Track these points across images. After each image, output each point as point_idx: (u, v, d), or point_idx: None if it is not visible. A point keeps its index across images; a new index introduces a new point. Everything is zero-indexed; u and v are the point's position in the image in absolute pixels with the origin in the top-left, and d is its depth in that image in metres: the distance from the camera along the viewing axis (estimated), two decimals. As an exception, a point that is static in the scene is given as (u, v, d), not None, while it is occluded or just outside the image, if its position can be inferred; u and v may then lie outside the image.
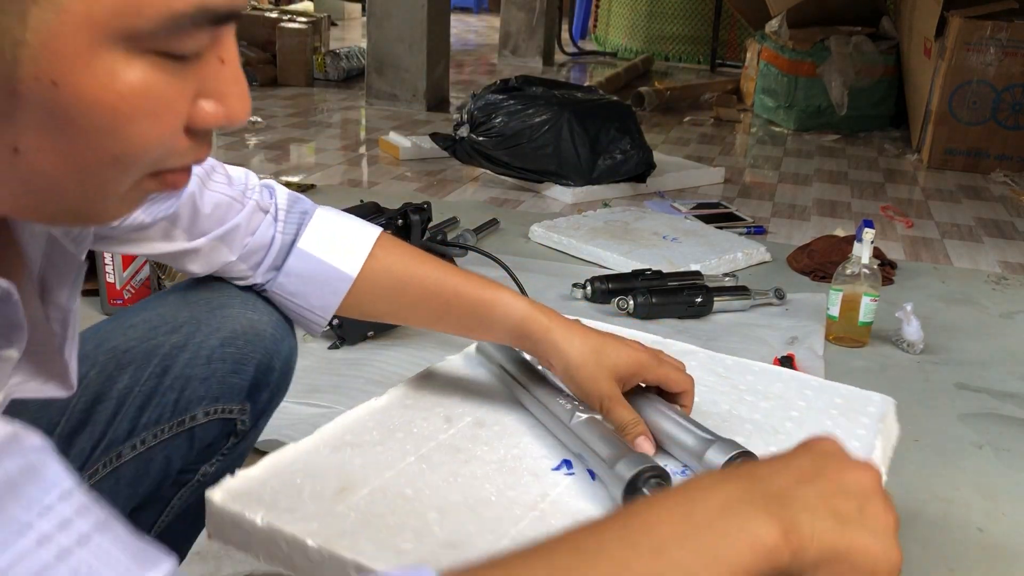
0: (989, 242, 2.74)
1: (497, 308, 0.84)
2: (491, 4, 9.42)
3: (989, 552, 1.24)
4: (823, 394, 1.01)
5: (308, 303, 0.84)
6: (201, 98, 0.46)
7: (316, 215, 0.86)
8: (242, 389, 0.83)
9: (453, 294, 0.85)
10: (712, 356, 1.10)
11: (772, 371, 1.06)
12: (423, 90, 4.37)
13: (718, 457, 0.78)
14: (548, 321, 0.84)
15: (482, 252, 1.82)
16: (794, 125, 4.29)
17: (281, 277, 0.83)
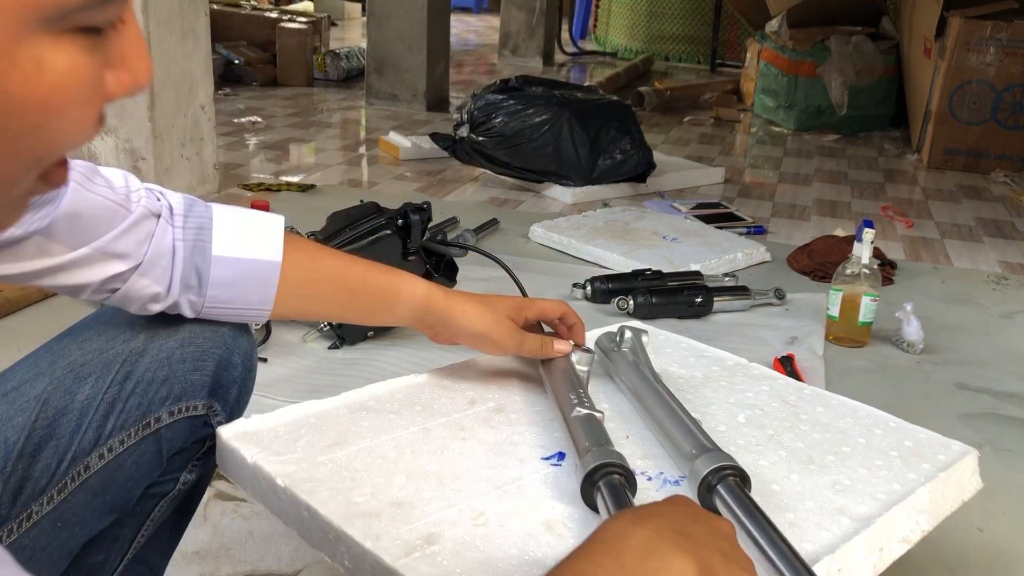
0: (989, 242, 2.74)
1: (402, 290, 0.88)
2: (491, 4, 9.42)
3: (989, 552, 1.24)
4: (893, 434, 0.92)
5: (247, 303, 0.81)
6: (106, 68, 0.41)
7: (216, 217, 0.81)
8: (204, 385, 0.82)
9: (360, 282, 0.87)
10: (790, 384, 1.03)
11: (850, 406, 0.98)
12: (423, 90, 4.37)
13: (703, 466, 0.75)
14: (446, 296, 0.90)
15: (482, 252, 1.82)
16: (794, 125, 4.29)
17: (211, 291, 0.79)
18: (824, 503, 0.79)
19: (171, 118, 2.62)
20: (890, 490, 0.81)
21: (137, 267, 0.77)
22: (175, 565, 1.12)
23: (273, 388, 1.57)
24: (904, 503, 0.79)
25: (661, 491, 0.79)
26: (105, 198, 0.75)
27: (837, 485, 0.82)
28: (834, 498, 0.80)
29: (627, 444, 0.87)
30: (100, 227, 0.74)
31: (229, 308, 0.81)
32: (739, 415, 0.94)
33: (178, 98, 2.63)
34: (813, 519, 0.76)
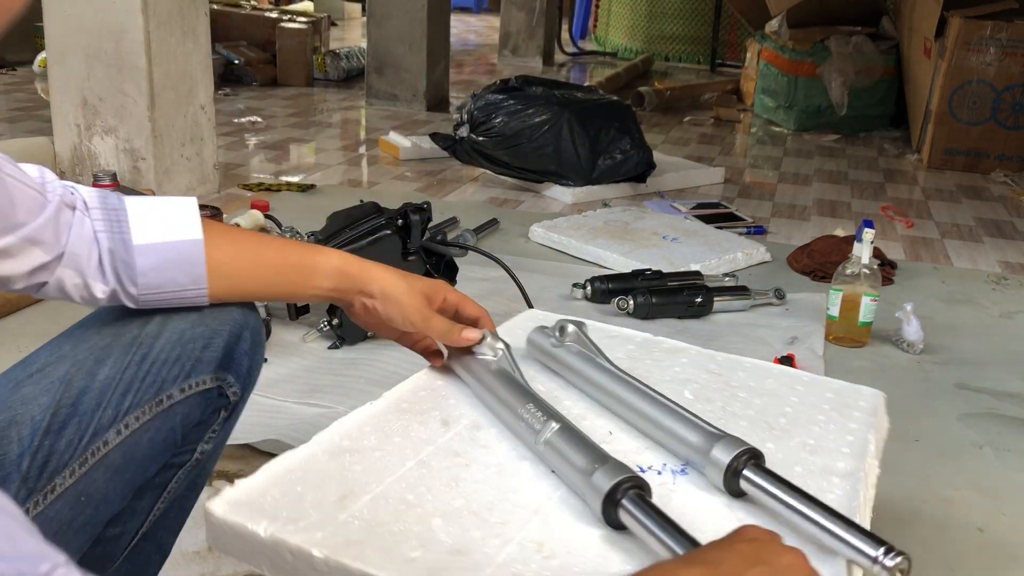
0: (989, 242, 2.74)
1: (319, 260, 0.89)
2: (491, 4, 9.42)
3: (989, 552, 1.24)
4: (814, 389, 1.02)
5: (179, 284, 0.82)
6: None
7: (130, 207, 0.82)
8: (212, 361, 0.84)
9: (278, 258, 0.88)
10: (703, 352, 1.10)
11: (763, 367, 1.07)
12: (423, 90, 4.37)
13: (724, 454, 0.77)
14: (361, 263, 0.91)
15: (482, 252, 1.82)
16: (794, 125, 4.29)
17: (141, 279, 0.80)
18: (808, 466, 0.85)
19: (171, 118, 2.62)
20: (848, 442, 0.90)
21: (60, 257, 0.78)
22: (175, 565, 1.12)
23: (273, 388, 1.57)
24: (868, 453, 0.88)
25: (676, 484, 0.81)
26: (25, 185, 0.75)
27: (807, 446, 0.89)
28: (812, 459, 0.87)
29: (615, 441, 0.87)
30: (20, 214, 0.75)
31: (164, 292, 0.82)
32: (683, 391, 0.99)
33: (178, 98, 2.63)
34: (810, 482, 0.80)
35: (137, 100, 2.53)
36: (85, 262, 0.79)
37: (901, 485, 1.38)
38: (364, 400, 0.92)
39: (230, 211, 2.44)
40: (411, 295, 0.91)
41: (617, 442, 0.87)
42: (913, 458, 1.47)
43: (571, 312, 1.97)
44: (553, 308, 1.96)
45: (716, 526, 0.74)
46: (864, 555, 0.68)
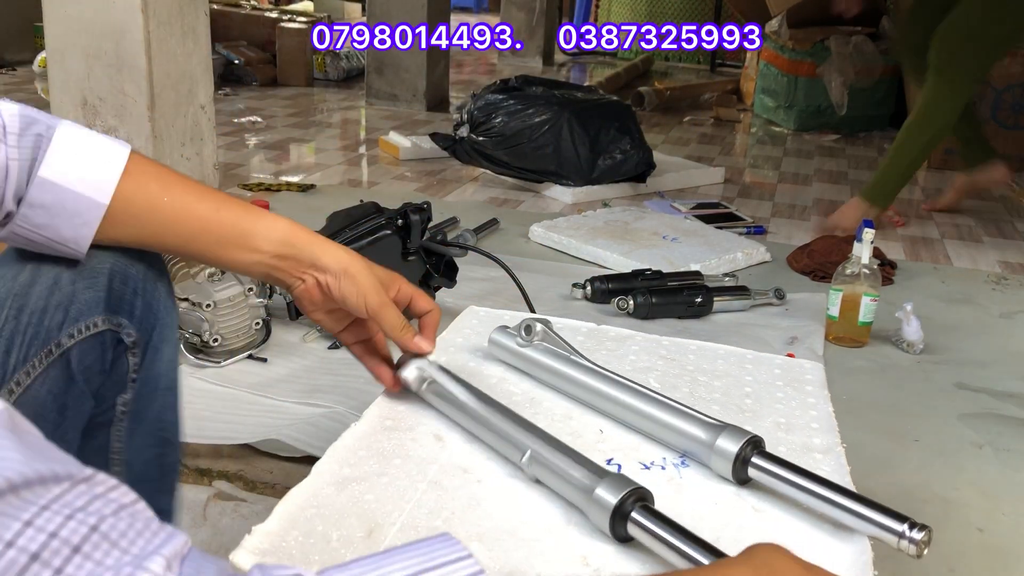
0: (989, 242, 2.74)
1: (260, 223, 0.82)
2: (491, 4, 9.42)
3: (989, 552, 1.24)
4: (761, 366, 1.06)
5: (60, 235, 0.76)
6: None
7: (57, 136, 0.76)
8: (99, 301, 0.79)
9: (211, 213, 0.80)
10: (648, 338, 1.12)
11: (709, 348, 1.10)
12: (423, 90, 4.37)
13: (731, 444, 0.79)
14: (311, 234, 0.84)
15: (482, 252, 1.82)
16: (794, 125, 4.29)
17: (24, 209, 0.75)
18: (789, 445, 0.87)
19: (171, 118, 2.61)
20: (813, 417, 0.94)
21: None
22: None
23: (273, 388, 1.57)
24: (832, 423, 0.93)
25: (682, 477, 0.81)
26: None
27: (780, 425, 0.92)
28: (790, 438, 0.89)
29: (608, 439, 0.88)
30: None
31: (41, 234, 0.76)
32: (648, 380, 1.00)
33: (178, 98, 2.63)
34: (800, 462, 0.81)
35: (137, 100, 2.53)
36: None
37: (901, 485, 1.38)
38: (364, 400, 0.92)
39: (230, 211, 2.44)
40: (369, 276, 0.85)
41: (610, 440, 0.87)
42: (913, 458, 1.47)
43: (571, 312, 1.98)
44: (553, 308, 1.96)
45: (730, 516, 0.76)
46: (890, 531, 0.69)
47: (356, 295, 0.84)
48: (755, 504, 0.78)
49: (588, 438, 0.87)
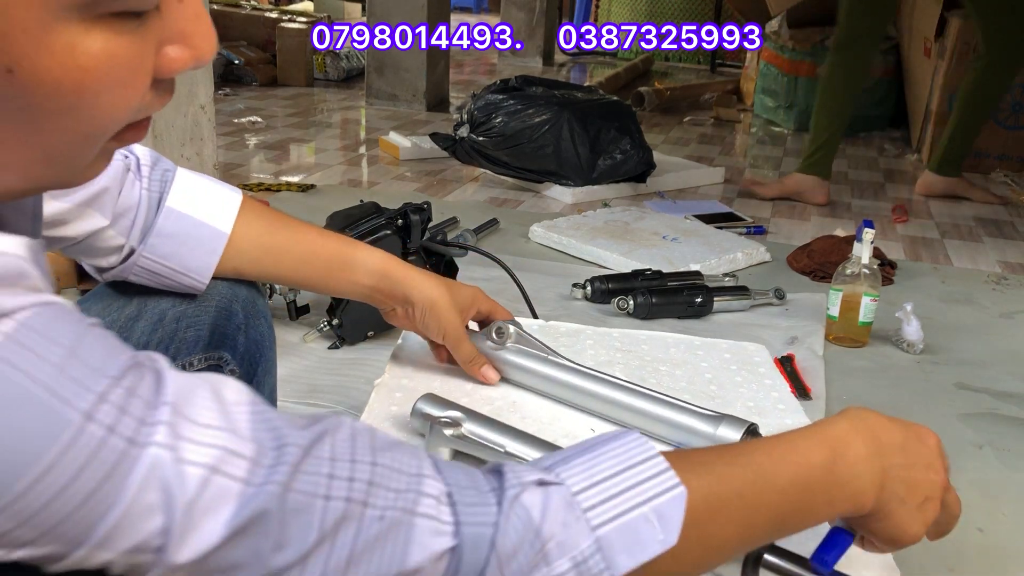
0: (989, 242, 2.74)
1: (359, 254, 0.90)
2: (491, 4, 9.42)
3: (989, 552, 1.24)
4: (712, 351, 1.09)
5: (184, 265, 0.81)
6: (164, 44, 0.42)
7: (179, 174, 0.82)
8: (199, 339, 0.83)
9: (319, 240, 0.88)
10: (599, 331, 1.15)
11: (658, 337, 1.13)
12: (423, 90, 4.37)
13: (733, 432, 0.82)
14: (403, 267, 0.93)
15: (482, 252, 1.82)
16: (794, 125, 4.29)
17: (153, 239, 0.79)
18: (767, 428, 0.90)
19: (171, 118, 2.61)
20: (775, 397, 0.98)
21: (111, 220, 0.78)
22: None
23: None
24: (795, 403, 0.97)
25: None
26: None
27: (750, 409, 0.95)
28: (762, 420, 0.92)
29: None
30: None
31: (165, 265, 0.80)
32: (615, 372, 1.01)
33: (178, 98, 2.63)
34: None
35: (137, 100, 2.53)
36: (126, 223, 0.79)
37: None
38: (364, 400, 0.92)
39: (230, 211, 2.44)
40: (451, 311, 0.93)
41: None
42: (913, 458, 1.47)
43: (571, 312, 1.98)
44: (553, 308, 1.96)
45: None
46: None
47: (437, 329, 0.94)
48: None
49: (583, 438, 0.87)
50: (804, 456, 0.60)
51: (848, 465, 0.60)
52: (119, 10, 0.39)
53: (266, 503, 0.45)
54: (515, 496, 0.51)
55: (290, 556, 0.46)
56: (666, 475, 0.54)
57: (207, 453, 0.44)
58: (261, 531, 0.45)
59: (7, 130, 0.40)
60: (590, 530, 0.51)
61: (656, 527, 0.52)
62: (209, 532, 0.44)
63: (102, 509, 0.42)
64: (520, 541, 0.50)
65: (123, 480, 0.42)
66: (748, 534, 0.58)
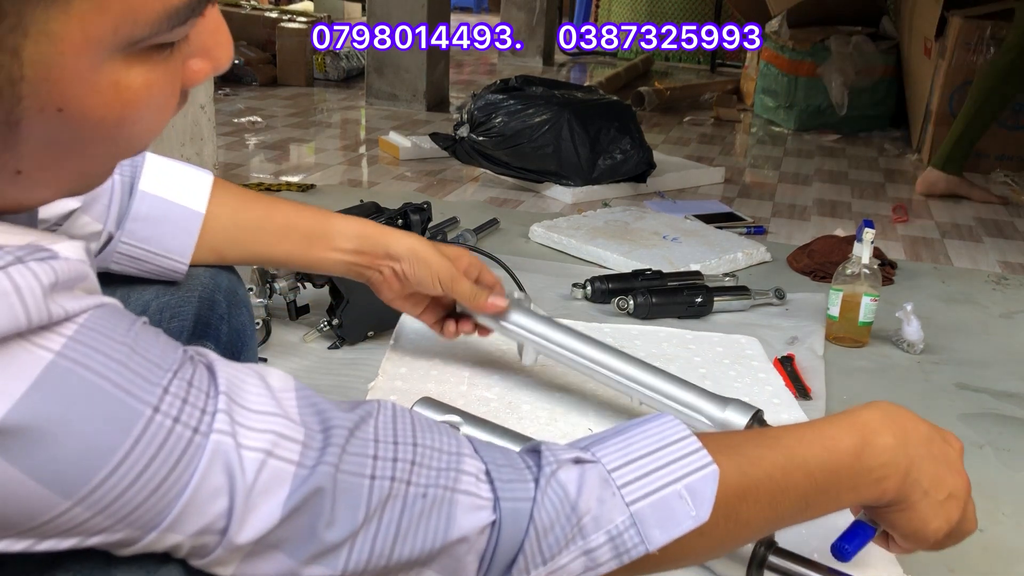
0: (989, 242, 2.74)
1: (335, 222, 0.90)
2: (491, 4, 9.41)
3: (989, 552, 1.24)
4: (703, 345, 1.10)
5: (163, 247, 0.81)
6: (188, 59, 0.45)
7: (148, 157, 0.83)
8: (183, 330, 0.83)
9: (294, 213, 0.88)
10: (590, 327, 1.15)
11: (649, 332, 1.13)
12: (423, 90, 4.37)
13: (741, 416, 0.83)
14: (381, 227, 0.93)
15: (482, 252, 1.82)
16: (794, 125, 4.29)
17: (129, 223, 0.80)
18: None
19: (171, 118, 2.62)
20: (771, 391, 0.99)
21: (83, 204, 0.79)
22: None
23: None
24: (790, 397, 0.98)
25: None
26: None
27: (750, 400, 0.95)
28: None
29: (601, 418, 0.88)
30: None
31: (145, 248, 0.81)
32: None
33: (178, 98, 2.63)
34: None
35: (137, 100, 2.53)
36: (100, 208, 0.80)
37: (901, 485, 1.38)
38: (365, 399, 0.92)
39: (230, 211, 2.44)
40: (438, 255, 0.94)
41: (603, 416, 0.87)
42: (913, 458, 1.47)
43: (571, 312, 1.98)
44: (553, 308, 1.95)
45: None
46: None
47: (429, 275, 0.93)
48: None
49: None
50: (833, 441, 0.61)
51: (875, 453, 0.62)
52: (156, 43, 0.42)
53: (318, 483, 0.47)
54: (552, 473, 0.54)
55: (341, 533, 0.48)
56: (699, 454, 0.56)
57: (262, 438, 0.47)
58: (315, 510, 0.48)
59: (51, 158, 0.42)
60: (625, 506, 0.53)
61: (689, 504, 0.54)
62: (268, 513, 0.47)
63: (173, 495, 0.44)
64: (557, 515, 0.52)
65: (191, 466, 0.45)
66: (775, 515, 0.59)
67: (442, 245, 0.96)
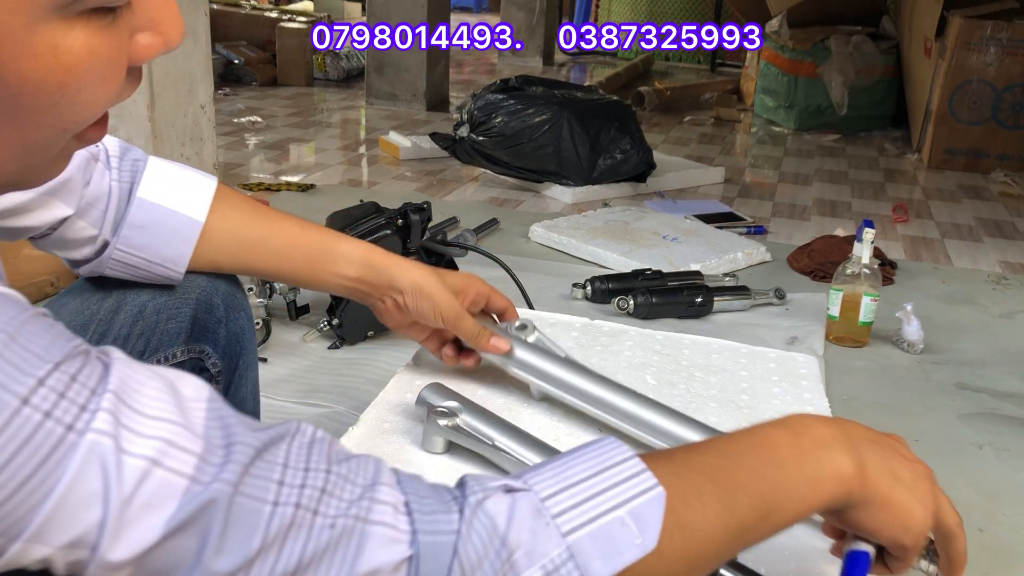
0: (989, 242, 2.74)
1: (340, 246, 0.87)
2: (491, 4, 9.41)
3: (989, 552, 1.24)
4: (756, 360, 1.06)
5: (159, 255, 0.80)
6: (136, 32, 0.43)
7: (151, 163, 0.81)
8: (180, 332, 0.82)
9: (299, 230, 0.86)
10: (643, 333, 1.14)
11: (702, 343, 1.11)
12: (423, 90, 4.37)
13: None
14: (386, 256, 0.89)
15: (482, 252, 1.82)
16: (794, 125, 4.29)
17: (125, 230, 0.78)
18: None
19: (171, 118, 2.61)
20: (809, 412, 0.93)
21: (78, 210, 0.78)
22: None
23: (273, 388, 1.57)
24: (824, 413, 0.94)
25: None
26: None
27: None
28: None
29: None
30: None
31: (140, 256, 0.79)
32: (645, 377, 1.01)
33: (178, 98, 2.63)
34: None
35: (137, 100, 2.53)
36: (97, 214, 0.78)
37: (901, 485, 1.38)
38: (364, 400, 0.92)
39: (230, 211, 2.45)
40: (442, 290, 0.90)
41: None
42: (913, 458, 1.47)
43: (571, 312, 1.97)
44: (553, 308, 1.95)
45: None
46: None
47: (432, 311, 0.89)
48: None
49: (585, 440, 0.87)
50: (763, 436, 0.59)
51: (814, 442, 0.58)
52: (96, 6, 0.40)
53: (210, 502, 0.43)
54: (478, 503, 0.49)
55: (232, 562, 0.43)
56: (642, 476, 0.52)
57: (149, 445, 0.42)
58: (202, 532, 0.43)
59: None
60: (561, 537, 0.49)
61: (633, 530, 0.50)
62: (147, 530, 0.42)
63: (37, 498, 0.40)
64: (485, 550, 0.48)
65: (59, 467, 0.40)
66: (732, 520, 0.54)
67: (449, 275, 0.93)
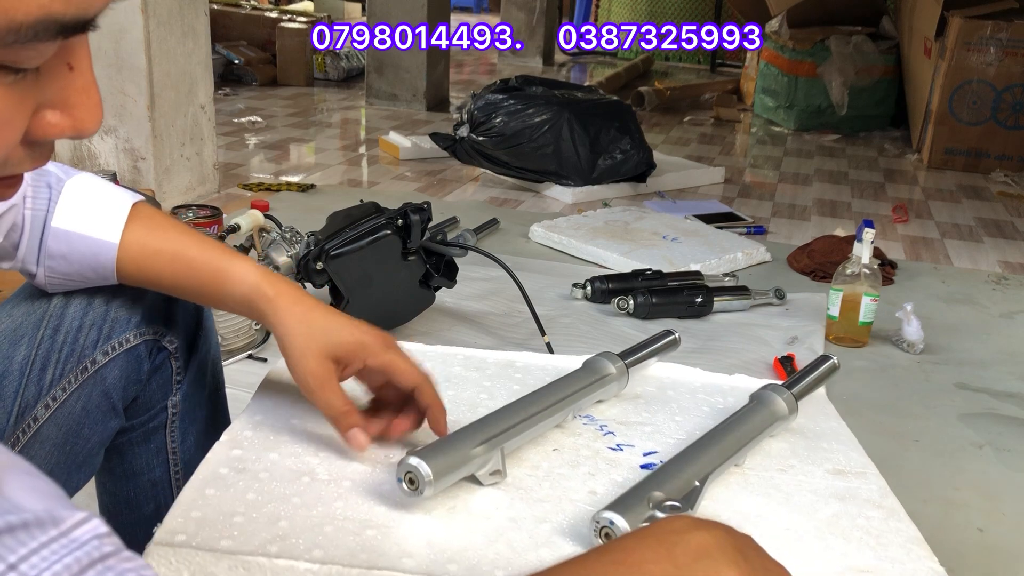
0: (989, 242, 2.74)
1: (232, 277, 0.78)
2: (491, 4, 9.42)
3: (989, 552, 1.24)
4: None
5: (86, 278, 0.80)
6: (45, 108, 0.41)
7: (65, 188, 0.79)
8: (131, 317, 0.83)
9: (192, 260, 0.80)
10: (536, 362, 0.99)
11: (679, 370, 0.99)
12: (423, 90, 4.37)
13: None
14: (274, 292, 0.77)
15: (482, 252, 1.82)
16: (794, 125, 4.29)
17: (48, 262, 0.79)
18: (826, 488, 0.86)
19: (171, 118, 2.61)
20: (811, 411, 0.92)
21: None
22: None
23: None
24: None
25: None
26: None
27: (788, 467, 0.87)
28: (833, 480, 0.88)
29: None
30: None
31: (69, 280, 0.80)
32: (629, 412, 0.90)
33: (178, 98, 2.63)
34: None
35: (137, 100, 2.53)
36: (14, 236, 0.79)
37: (901, 485, 1.38)
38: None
39: (230, 211, 2.44)
40: (312, 357, 0.75)
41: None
42: (913, 458, 1.47)
43: (571, 312, 1.98)
44: (553, 308, 1.96)
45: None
46: None
47: (297, 367, 0.76)
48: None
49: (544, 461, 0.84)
50: (625, 554, 0.50)
51: (689, 553, 0.50)
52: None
53: None
54: None
55: None
56: None
57: None
58: None
59: None
60: None
61: None
62: None
63: None
64: None
65: None
66: None
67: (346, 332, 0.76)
